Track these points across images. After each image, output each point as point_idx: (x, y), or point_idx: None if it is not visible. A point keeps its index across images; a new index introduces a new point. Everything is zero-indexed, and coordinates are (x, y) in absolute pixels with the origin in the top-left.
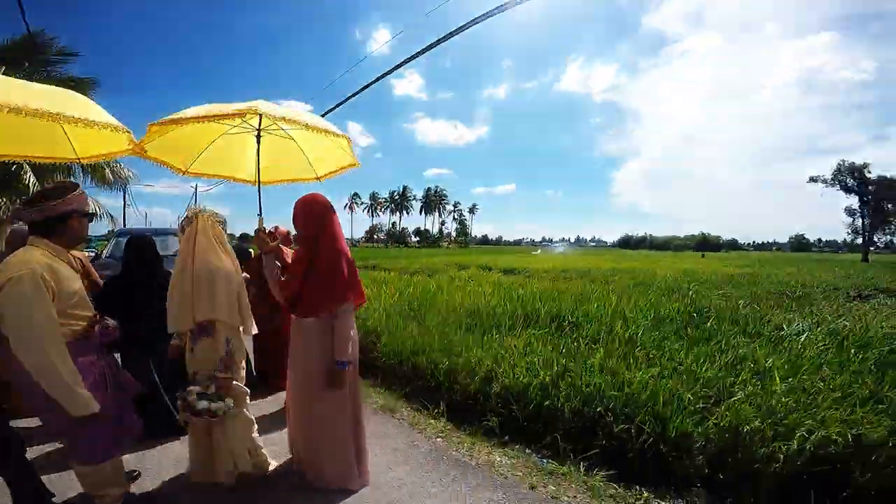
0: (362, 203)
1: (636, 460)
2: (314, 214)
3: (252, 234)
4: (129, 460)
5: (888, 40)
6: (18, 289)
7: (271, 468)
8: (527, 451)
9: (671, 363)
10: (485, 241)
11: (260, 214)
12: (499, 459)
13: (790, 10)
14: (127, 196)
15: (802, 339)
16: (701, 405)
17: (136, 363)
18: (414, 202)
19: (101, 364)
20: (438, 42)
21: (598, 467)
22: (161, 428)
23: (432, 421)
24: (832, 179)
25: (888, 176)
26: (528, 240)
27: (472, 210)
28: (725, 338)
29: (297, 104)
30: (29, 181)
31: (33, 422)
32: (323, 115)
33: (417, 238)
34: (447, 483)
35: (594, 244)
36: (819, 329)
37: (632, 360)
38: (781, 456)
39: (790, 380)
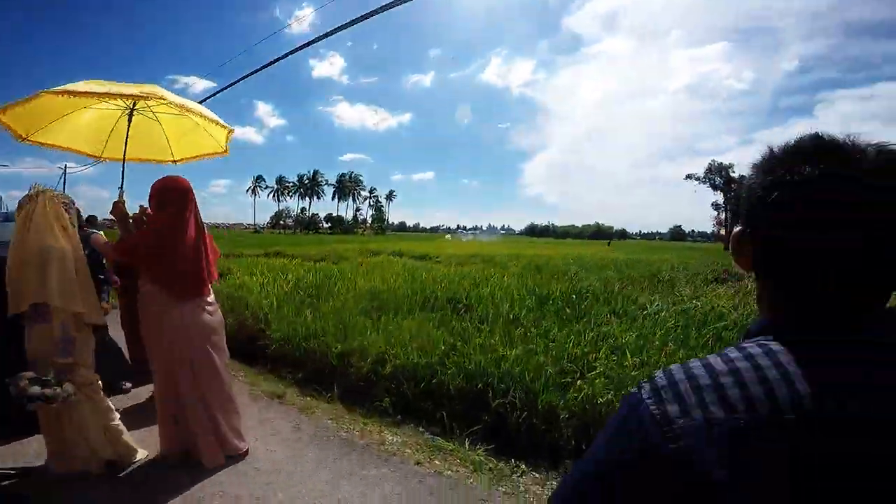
0: (267, 187)
1: (514, 434)
2: (165, 193)
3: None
4: None
5: (767, 53)
6: None
7: (142, 456)
8: (419, 429)
9: (544, 340)
10: (402, 227)
11: (121, 187)
12: (389, 438)
13: (694, 19)
14: None
15: (658, 318)
16: (568, 380)
17: None
18: (326, 187)
19: None
20: (361, 19)
21: (481, 442)
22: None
23: (324, 405)
24: (704, 177)
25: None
26: (445, 226)
27: (389, 196)
28: (596, 316)
29: (201, 81)
30: None
31: None
32: (223, 90)
33: (330, 224)
34: (331, 462)
35: (504, 232)
36: (674, 308)
37: (510, 339)
38: None
39: (641, 355)
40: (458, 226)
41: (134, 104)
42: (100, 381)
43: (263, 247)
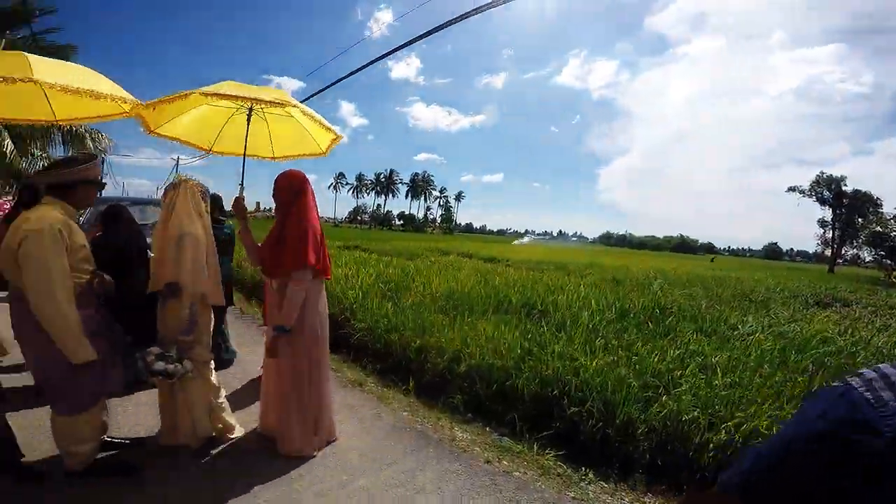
0: (347, 184)
1: (586, 442)
2: (286, 187)
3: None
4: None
5: (889, 55)
6: (39, 240)
7: (238, 434)
8: (487, 428)
9: (627, 353)
10: (469, 228)
11: (241, 183)
12: (460, 435)
13: (800, 19)
14: (105, 165)
15: (752, 339)
16: (650, 394)
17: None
18: (400, 186)
19: (97, 317)
20: (436, 29)
21: (551, 447)
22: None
23: (400, 396)
24: (810, 190)
25: (863, 191)
26: (512, 230)
27: (458, 197)
28: (681, 334)
29: (292, 81)
30: (6, 147)
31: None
32: (314, 95)
33: (402, 222)
34: (407, 453)
35: (575, 239)
36: (770, 330)
37: (590, 349)
38: (711, 445)
39: (732, 375)
40: (526, 230)
41: (252, 106)
42: (212, 360)
43: (343, 240)
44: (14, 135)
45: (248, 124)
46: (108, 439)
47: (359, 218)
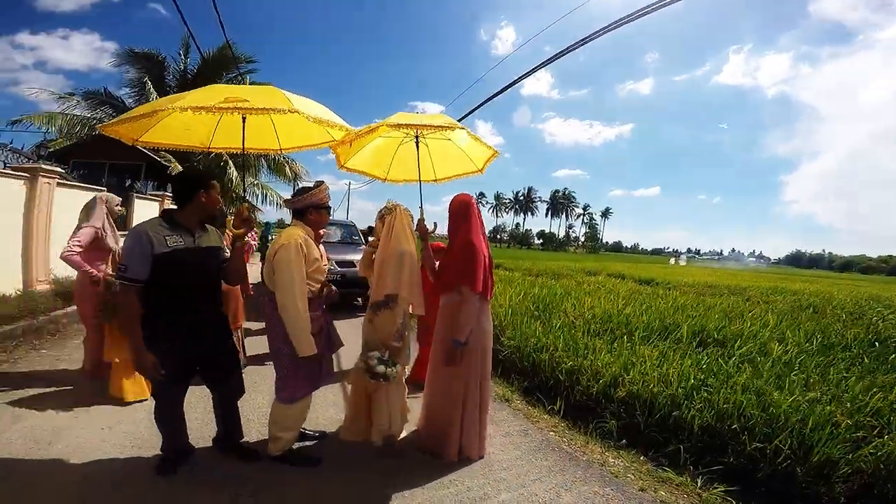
0: (487, 203)
1: (766, 481)
2: (454, 210)
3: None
4: None
5: None
6: (287, 253)
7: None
8: (642, 458)
9: (834, 390)
10: (617, 247)
11: (421, 206)
12: (612, 460)
13: None
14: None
15: None
16: (862, 434)
17: None
18: (539, 204)
19: (322, 320)
20: (570, 49)
21: (720, 482)
22: None
23: (546, 416)
24: None
25: None
26: (671, 249)
27: (604, 214)
28: None
29: (433, 106)
30: (232, 174)
31: None
32: (459, 120)
33: (541, 241)
34: (554, 472)
35: (754, 260)
36: None
37: (785, 383)
38: None
39: None
40: (689, 249)
41: (418, 133)
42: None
43: None
44: (237, 164)
45: (417, 150)
46: (303, 431)
47: (498, 236)
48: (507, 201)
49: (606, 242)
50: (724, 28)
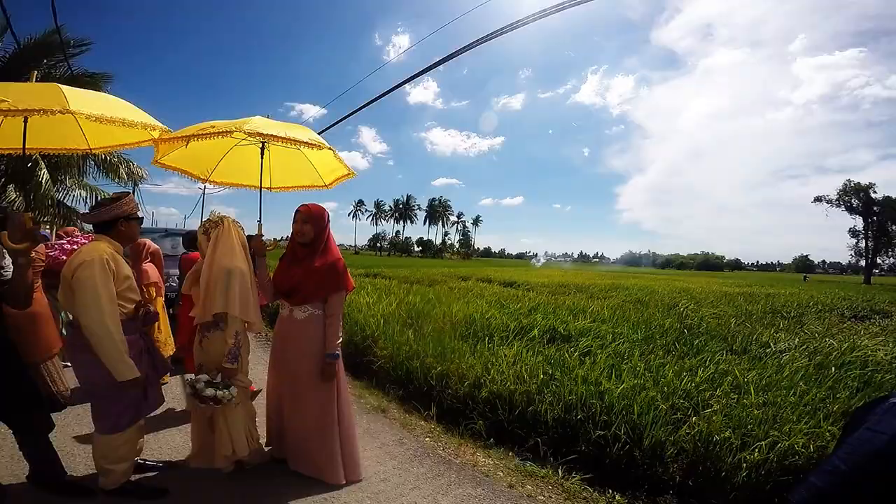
0: (367, 211)
1: (612, 466)
2: (321, 219)
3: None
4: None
5: None
6: (90, 270)
7: (265, 458)
8: (510, 454)
9: (653, 375)
10: (487, 253)
11: (259, 220)
12: (483, 460)
13: (816, 26)
14: (137, 195)
15: (785, 357)
16: (679, 416)
17: None
18: (418, 212)
19: (141, 342)
20: (454, 55)
21: (576, 471)
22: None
23: (422, 423)
24: (837, 199)
25: (894, 197)
26: (532, 253)
27: (475, 222)
28: (711, 353)
29: (314, 108)
30: (42, 178)
31: None
32: (336, 124)
33: (420, 248)
34: (430, 478)
35: (597, 260)
36: (804, 347)
37: (616, 372)
38: (745, 465)
39: (766, 394)
40: (546, 252)
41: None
42: (252, 387)
43: (364, 267)
44: (50, 164)
45: (262, 156)
46: (141, 461)
47: (378, 245)
48: (388, 209)
49: (478, 248)
50: (584, 49)
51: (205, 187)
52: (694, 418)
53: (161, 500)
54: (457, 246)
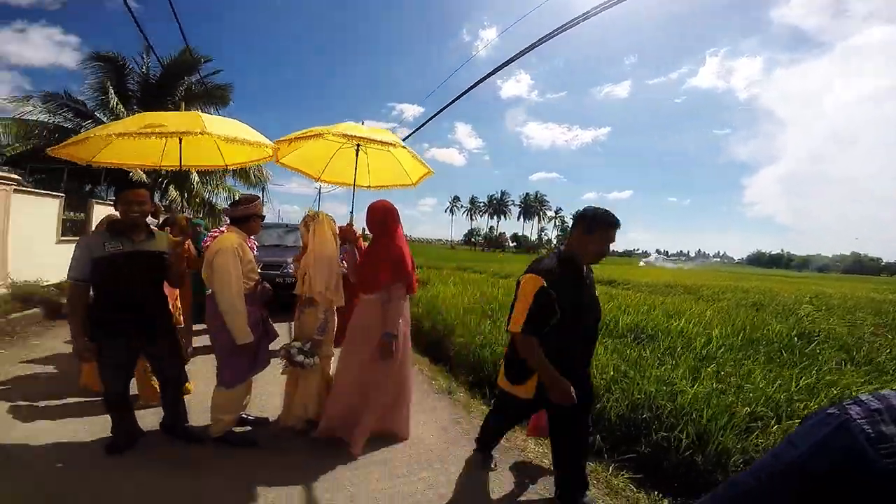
0: (462, 206)
1: (672, 469)
2: (381, 217)
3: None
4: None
5: None
6: (224, 257)
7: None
8: None
9: (737, 380)
10: None
11: (352, 212)
12: (532, 447)
13: None
14: (264, 194)
15: None
16: (758, 424)
17: None
18: (513, 207)
19: (258, 313)
20: (545, 39)
21: (630, 471)
22: None
23: (483, 407)
24: None
25: None
26: (641, 250)
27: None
28: (823, 363)
29: (412, 107)
30: (194, 181)
31: None
32: (431, 119)
33: (515, 244)
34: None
35: (718, 259)
36: None
37: (697, 375)
38: None
39: None
40: (657, 250)
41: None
42: (332, 356)
43: (457, 262)
44: (199, 173)
45: (356, 157)
46: (245, 416)
47: (472, 240)
48: (482, 205)
49: None
50: (696, 31)
51: (320, 186)
52: (775, 427)
53: (252, 448)
54: (554, 241)
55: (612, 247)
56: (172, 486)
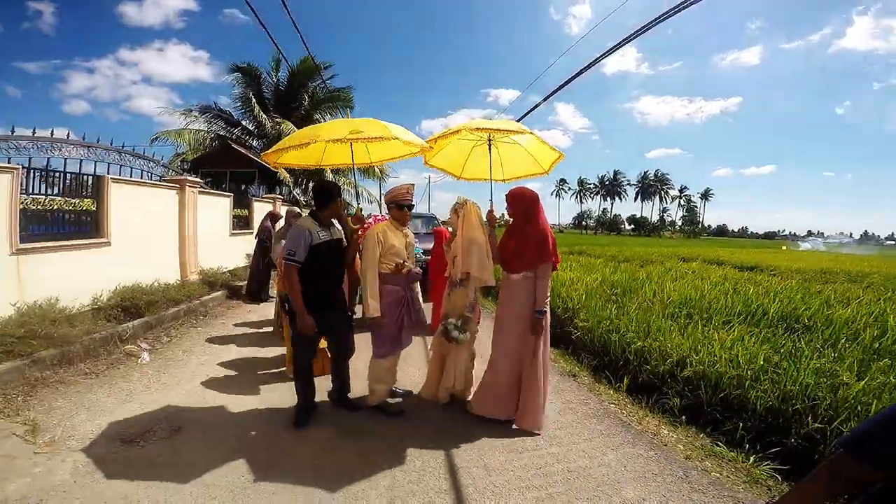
0: (570, 189)
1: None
2: (528, 203)
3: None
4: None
5: None
6: (367, 241)
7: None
8: (700, 434)
9: None
10: (721, 231)
11: (491, 200)
12: (666, 432)
13: None
14: (384, 186)
15: None
16: None
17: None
18: (627, 187)
19: (402, 294)
20: (667, 15)
21: (774, 462)
22: None
23: (610, 391)
24: None
25: None
26: (788, 232)
27: (704, 196)
28: None
29: (506, 91)
30: (328, 175)
31: None
32: (537, 106)
33: (632, 226)
34: (605, 435)
35: (893, 242)
36: None
37: (865, 369)
38: None
39: None
40: (808, 231)
41: (491, 137)
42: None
43: (568, 246)
44: (332, 170)
45: (490, 153)
46: (393, 389)
47: (583, 223)
48: (592, 186)
49: (708, 226)
50: None
51: (430, 177)
52: None
53: (399, 418)
54: (679, 223)
55: (751, 228)
56: (342, 448)
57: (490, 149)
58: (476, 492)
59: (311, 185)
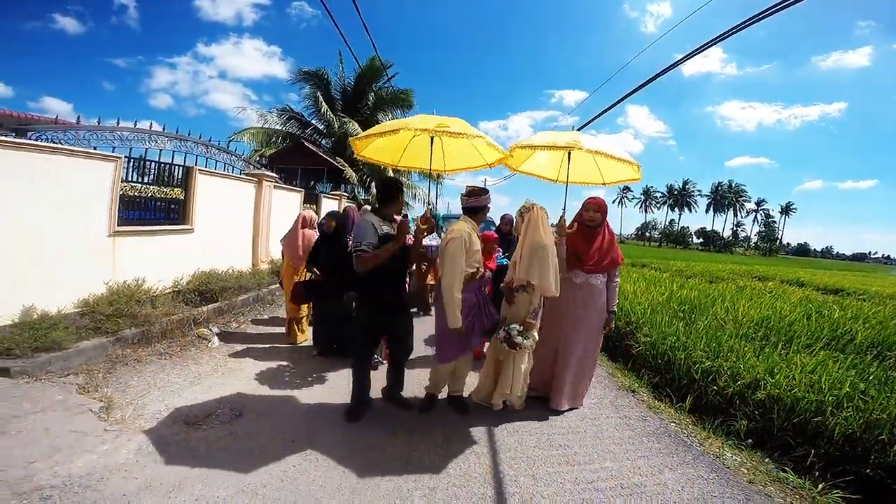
0: (634, 198)
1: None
2: (602, 210)
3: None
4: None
5: None
6: (454, 245)
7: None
8: (766, 459)
9: None
10: (802, 250)
11: (564, 209)
12: (728, 454)
13: None
14: (439, 188)
15: None
16: None
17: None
18: (699, 198)
19: (475, 298)
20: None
21: (844, 490)
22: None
23: (671, 410)
24: None
25: None
26: (882, 255)
27: (785, 210)
28: None
29: (571, 92)
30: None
31: None
32: (602, 113)
33: (701, 240)
34: (664, 454)
35: None
36: None
37: None
38: None
39: None
40: None
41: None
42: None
43: (630, 258)
44: (392, 171)
45: (569, 161)
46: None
47: (647, 234)
48: (659, 196)
49: (787, 244)
50: None
51: (485, 179)
52: None
53: (464, 415)
54: (754, 239)
55: (837, 248)
56: (390, 446)
57: (569, 160)
58: (521, 502)
59: (373, 184)
